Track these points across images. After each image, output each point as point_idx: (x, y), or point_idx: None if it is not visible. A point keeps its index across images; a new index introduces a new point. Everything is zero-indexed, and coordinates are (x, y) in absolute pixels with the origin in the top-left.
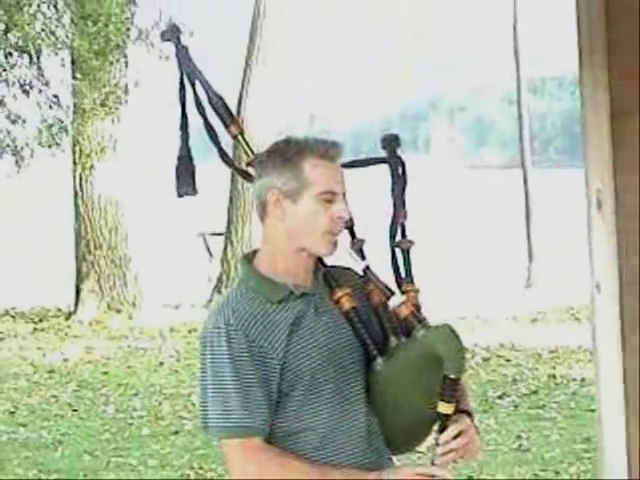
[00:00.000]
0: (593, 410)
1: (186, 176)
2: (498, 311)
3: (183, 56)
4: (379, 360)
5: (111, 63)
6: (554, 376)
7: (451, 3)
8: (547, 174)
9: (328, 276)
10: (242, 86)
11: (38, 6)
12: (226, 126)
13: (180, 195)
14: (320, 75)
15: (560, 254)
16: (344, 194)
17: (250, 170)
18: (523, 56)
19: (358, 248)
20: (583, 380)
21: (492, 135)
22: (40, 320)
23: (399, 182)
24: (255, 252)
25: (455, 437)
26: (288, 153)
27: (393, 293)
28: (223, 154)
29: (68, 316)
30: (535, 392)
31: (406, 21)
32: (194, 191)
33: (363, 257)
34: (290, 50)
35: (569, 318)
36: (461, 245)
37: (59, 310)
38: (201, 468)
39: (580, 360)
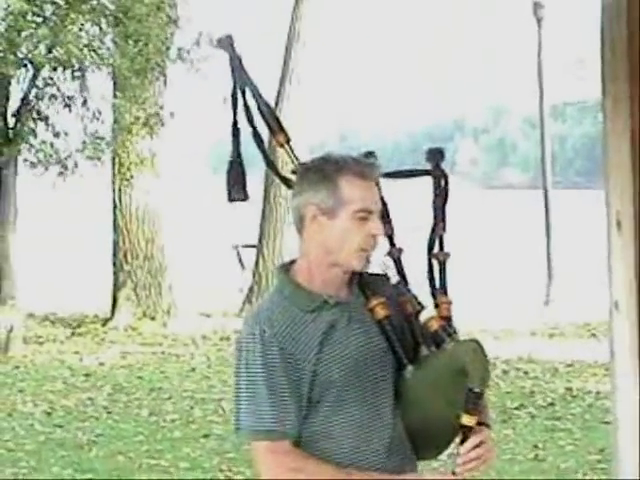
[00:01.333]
0: (607, 422)
1: (238, 181)
2: (518, 326)
3: (236, 65)
4: (409, 368)
5: (150, 82)
6: (570, 389)
7: (477, 28)
8: (567, 195)
9: (364, 284)
10: (276, 104)
11: (82, 25)
12: (274, 134)
13: (231, 200)
14: (350, 95)
15: (578, 273)
16: (381, 212)
17: (292, 177)
18: (546, 80)
19: (396, 256)
20: (598, 393)
21: (514, 157)
22: (78, 325)
23: (441, 195)
24: (292, 262)
25: (475, 447)
26: (326, 170)
27: (423, 307)
28: (268, 160)
29: (105, 322)
30: (552, 404)
31: (433, 44)
32: (246, 196)
33: (400, 265)
34: (322, 71)
35: (586, 334)
36: (484, 262)
37: (96, 316)
38: (230, 471)
39: (595, 374)
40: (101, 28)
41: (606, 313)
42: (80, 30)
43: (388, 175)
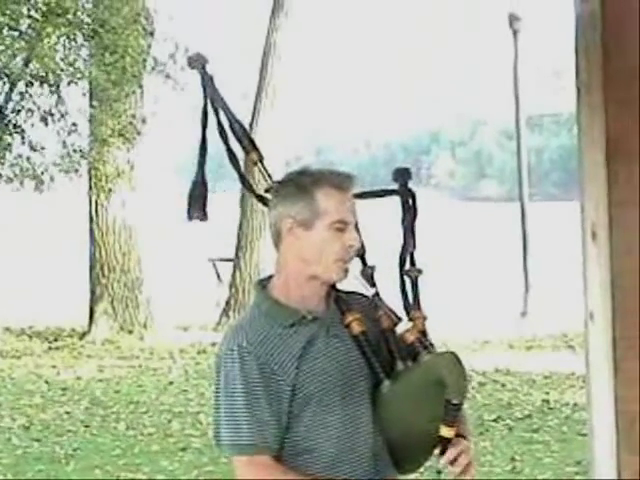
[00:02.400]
0: (584, 434)
1: (198, 201)
2: (495, 338)
3: (208, 84)
4: (386, 383)
5: (127, 95)
6: (547, 401)
7: (453, 40)
8: (543, 207)
9: (340, 300)
10: (252, 118)
11: (58, 38)
12: (247, 152)
13: (190, 219)
14: (326, 109)
15: (555, 284)
16: (355, 223)
17: (267, 196)
18: (522, 92)
19: (369, 275)
20: (575, 405)
21: (491, 169)
22: (55, 339)
23: (409, 213)
24: (270, 277)
25: (454, 460)
26: (302, 183)
27: (400, 319)
28: (244, 179)
29: (82, 336)
30: (529, 416)
31: (409, 56)
32: (205, 217)
33: (373, 284)
34: (298, 84)
35: (563, 346)
36: (461, 274)
37: (73, 330)
38: None
39: (573, 386)
40: (76, 41)
41: (583, 325)
42: (56, 44)
43: (356, 196)
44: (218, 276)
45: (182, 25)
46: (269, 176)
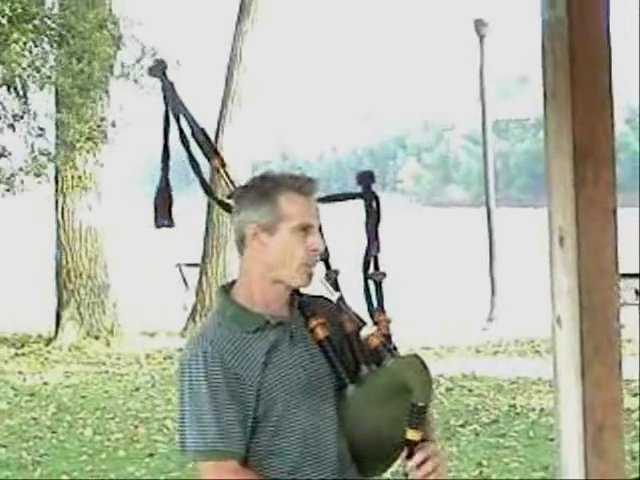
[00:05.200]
0: (552, 439)
1: (164, 208)
2: (462, 343)
3: (169, 91)
4: (350, 387)
5: (93, 101)
6: (514, 406)
7: (419, 45)
8: (510, 212)
9: (303, 305)
10: (218, 124)
11: (24, 44)
12: (209, 159)
13: (158, 226)
14: (293, 114)
15: (521, 290)
16: (319, 227)
17: (230, 202)
18: (488, 97)
19: (333, 279)
20: (542, 410)
21: (457, 174)
22: (21, 345)
23: (373, 217)
24: (233, 283)
25: (422, 463)
26: (265, 188)
27: (365, 323)
28: (205, 186)
29: (48, 342)
30: (496, 421)
31: (375, 62)
32: (171, 223)
33: (337, 288)
34: (264, 90)
35: (529, 351)
36: (427, 279)
37: (40, 336)
38: None
39: (539, 391)
40: (43, 47)
41: (549, 330)
42: (23, 49)
43: (320, 200)
44: (185, 281)
45: (149, 30)
46: (231, 182)
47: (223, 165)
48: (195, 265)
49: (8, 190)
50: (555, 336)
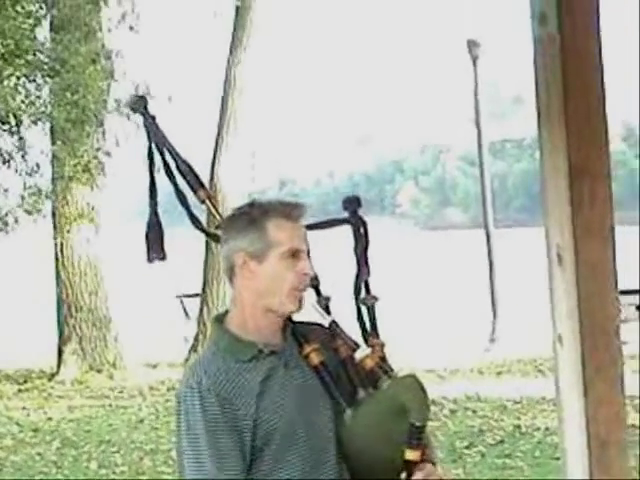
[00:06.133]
0: (557, 458)
1: (155, 242)
2: (465, 365)
3: (151, 125)
4: (348, 412)
5: (88, 135)
6: (519, 426)
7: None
8: (508, 233)
9: (296, 332)
10: (214, 154)
11: (18, 79)
12: (194, 191)
13: (150, 260)
14: (288, 141)
15: (522, 309)
16: (308, 252)
17: (219, 233)
18: (484, 119)
19: (324, 305)
20: (547, 430)
21: (455, 196)
22: (24, 381)
23: (361, 241)
24: (226, 312)
25: None
26: (253, 215)
27: (359, 346)
28: (193, 218)
29: (51, 377)
30: (501, 442)
31: (370, 87)
32: (164, 257)
33: (329, 313)
34: (259, 119)
35: (532, 370)
36: (429, 302)
37: (42, 371)
38: None
39: (544, 410)
40: (37, 82)
41: (551, 349)
42: (16, 85)
43: (308, 227)
44: (186, 312)
45: (142, 65)
46: (218, 213)
47: (209, 197)
48: (196, 295)
49: (1, 230)
50: (557, 355)
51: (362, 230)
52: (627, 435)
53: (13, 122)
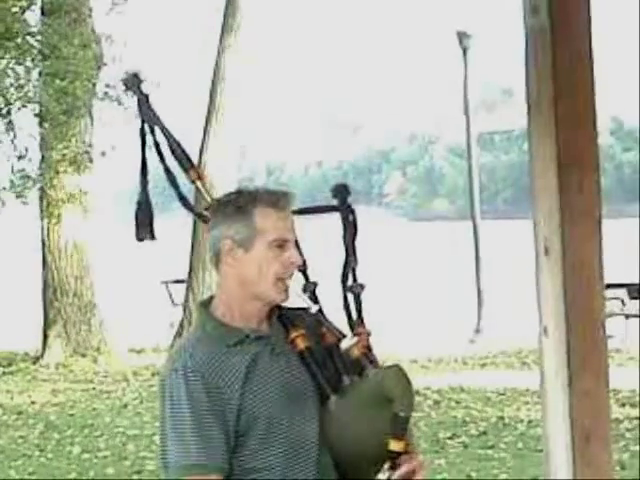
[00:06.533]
0: (540, 450)
1: (145, 221)
2: (449, 356)
3: (144, 103)
4: (332, 398)
5: (77, 118)
6: (502, 418)
7: (402, 61)
8: (495, 225)
9: (283, 317)
10: (202, 141)
11: (7, 62)
12: (185, 171)
13: (139, 239)
14: (277, 129)
15: (507, 301)
16: (295, 241)
17: (207, 214)
18: (472, 110)
19: (311, 290)
20: (530, 422)
21: (442, 187)
22: (8, 364)
23: (350, 229)
24: (212, 298)
25: (407, 475)
26: (240, 203)
27: (345, 335)
28: (182, 198)
29: (35, 360)
30: (484, 433)
31: (359, 76)
32: (152, 236)
33: (315, 299)
34: (249, 106)
35: (517, 362)
36: (414, 292)
37: (27, 355)
38: None
39: (527, 402)
40: (26, 66)
41: (536, 341)
42: (6, 67)
43: (296, 212)
44: (171, 298)
45: (132, 50)
46: (208, 194)
47: (200, 177)
48: (181, 282)
49: None
50: (542, 346)
51: (351, 218)
52: (610, 429)
53: (2, 104)
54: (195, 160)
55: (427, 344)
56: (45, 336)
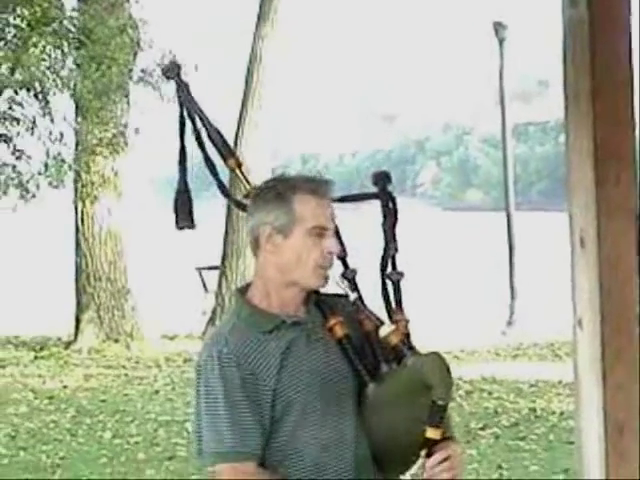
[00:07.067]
0: (571, 442)
1: (184, 210)
2: (482, 347)
3: (183, 92)
4: (370, 386)
5: (114, 102)
6: (534, 409)
7: (438, 51)
8: (529, 216)
9: (321, 304)
10: (238, 127)
11: (44, 47)
12: (224, 159)
13: (179, 228)
14: (312, 117)
15: (541, 293)
16: (336, 229)
17: (246, 201)
18: (508, 101)
19: (350, 278)
20: (562, 414)
21: (476, 178)
22: (41, 348)
23: (390, 217)
24: (248, 285)
25: (441, 462)
26: (280, 190)
27: (383, 322)
28: (222, 187)
29: (68, 345)
30: (516, 424)
31: (395, 66)
32: (192, 225)
33: (355, 287)
34: (284, 93)
35: (549, 354)
36: (448, 283)
37: (59, 339)
38: None
39: (559, 394)
40: (63, 51)
41: (569, 333)
42: (42, 53)
43: (337, 200)
44: (204, 285)
45: (169, 35)
46: (247, 182)
47: (239, 165)
48: (215, 268)
49: (22, 197)
50: (576, 338)
51: (391, 206)
52: None
53: (38, 88)
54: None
55: (460, 335)
56: (78, 321)
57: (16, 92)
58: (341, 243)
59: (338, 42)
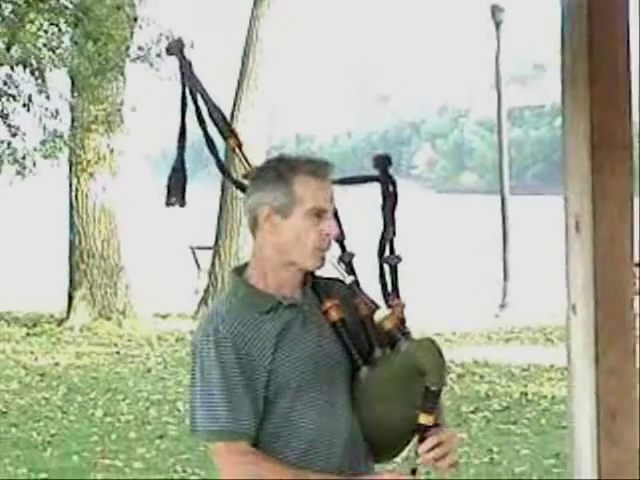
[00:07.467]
0: (563, 427)
1: (177, 187)
2: (474, 330)
3: (186, 69)
4: (364, 369)
5: (109, 81)
6: (526, 393)
7: (435, 33)
8: (524, 200)
9: (317, 287)
10: (233, 106)
11: (41, 24)
12: (225, 138)
13: (168, 204)
14: (307, 98)
15: (534, 277)
16: (334, 211)
17: (245, 182)
18: (504, 84)
19: (347, 261)
20: (554, 398)
21: (471, 161)
22: (33, 325)
23: (389, 200)
24: (245, 265)
25: (433, 448)
26: (280, 170)
27: (378, 307)
28: (221, 165)
29: (60, 322)
30: (507, 408)
31: (391, 48)
32: (183, 202)
33: (352, 270)
34: (279, 74)
35: (542, 338)
36: (441, 266)
37: (52, 316)
38: (185, 472)
39: (551, 379)
40: (60, 28)
41: (562, 318)
42: (39, 29)
43: (336, 182)
44: (197, 264)
45: (166, 12)
46: (247, 162)
47: (239, 145)
48: (208, 248)
49: (19, 173)
50: (570, 323)
51: (391, 189)
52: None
53: (34, 65)
54: None
55: (452, 317)
56: (70, 298)
57: (12, 68)
58: (339, 226)
59: (334, 23)
